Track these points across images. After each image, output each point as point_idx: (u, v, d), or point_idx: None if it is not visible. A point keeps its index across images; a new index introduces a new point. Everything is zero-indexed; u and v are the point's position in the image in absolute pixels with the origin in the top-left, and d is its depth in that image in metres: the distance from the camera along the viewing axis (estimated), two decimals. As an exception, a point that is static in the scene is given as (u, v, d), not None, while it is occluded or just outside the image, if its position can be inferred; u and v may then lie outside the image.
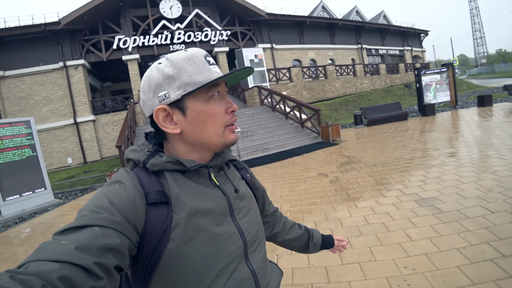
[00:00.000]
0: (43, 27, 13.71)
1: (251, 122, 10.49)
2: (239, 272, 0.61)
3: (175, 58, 0.60)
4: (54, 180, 10.96)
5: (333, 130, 8.31)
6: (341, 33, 22.43)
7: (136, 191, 0.55)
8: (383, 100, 17.19)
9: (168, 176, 0.60)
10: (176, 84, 0.59)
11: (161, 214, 0.55)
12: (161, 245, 0.53)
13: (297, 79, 16.53)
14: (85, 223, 0.46)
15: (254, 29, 18.23)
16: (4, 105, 14.10)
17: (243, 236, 0.64)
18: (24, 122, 6.79)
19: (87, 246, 0.42)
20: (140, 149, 0.65)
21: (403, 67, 23.05)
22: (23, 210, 6.34)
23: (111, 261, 0.44)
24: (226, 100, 0.65)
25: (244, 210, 0.68)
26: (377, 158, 5.64)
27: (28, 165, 6.69)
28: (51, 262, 0.38)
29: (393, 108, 11.32)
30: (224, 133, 0.64)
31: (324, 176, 4.97)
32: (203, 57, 0.62)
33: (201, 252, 0.56)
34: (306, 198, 3.99)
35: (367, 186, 4.10)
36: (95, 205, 0.49)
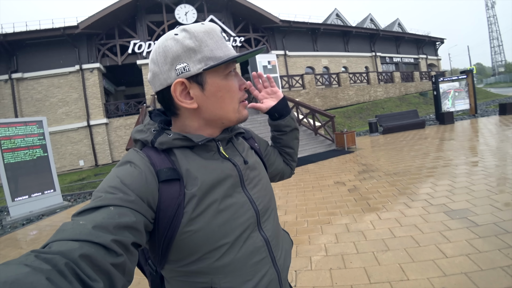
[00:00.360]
0: (62, 31, 14.03)
1: (263, 129, 10.31)
2: (252, 240, 0.63)
3: (196, 30, 0.59)
4: (65, 182, 11.01)
5: (348, 137, 8.06)
6: (355, 41, 22.21)
7: (147, 169, 0.56)
8: (398, 108, 16.79)
9: (178, 152, 0.61)
10: (198, 57, 0.58)
11: (174, 190, 0.56)
12: (176, 220, 0.55)
13: (310, 86, 16.36)
14: (101, 204, 0.47)
15: (267, 35, 18.23)
16: (21, 106, 14.39)
17: (255, 205, 0.65)
18: (37, 122, 6.74)
19: (104, 225, 0.43)
20: (146, 129, 0.64)
21: (418, 75, 22.57)
22: (31, 212, 6.23)
23: (128, 238, 0.46)
24: (239, 77, 0.66)
25: (254, 180, 0.69)
26: (396, 166, 5.36)
27: (38, 165, 6.60)
28: (72, 242, 0.40)
29: (410, 116, 10.97)
30: (239, 108, 0.65)
31: (341, 184, 4.72)
32: (220, 32, 0.62)
33: (214, 223, 0.58)
34: (324, 208, 3.76)
35: (389, 196, 3.85)
36: (109, 186, 0.51)
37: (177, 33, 0.59)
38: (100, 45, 15.29)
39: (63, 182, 11.11)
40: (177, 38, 0.58)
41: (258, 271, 0.63)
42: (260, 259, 0.63)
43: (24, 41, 14.19)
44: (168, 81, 0.59)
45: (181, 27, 0.60)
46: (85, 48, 14.99)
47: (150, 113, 0.70)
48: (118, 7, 14.34)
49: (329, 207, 3.74)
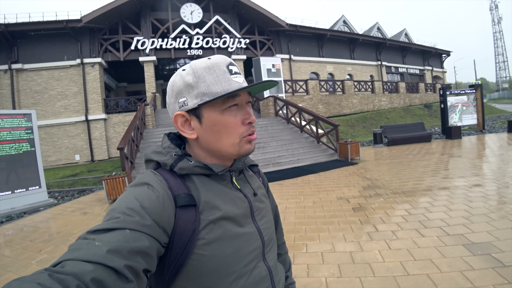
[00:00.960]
0: (65, 24, 13.75)
1: (264, 133, 9.93)
2: (258, 269, 0.63)
3: (196, 66, 0.61)
4: (57, 176, 10.64)
5: (353, 148, 7.65)
6: (361, 49, 21.88)
7: (165, 194, 0.56)
8: (402, 119, 16.39)
9: (196, 179, 0.62)
10: (194, 92, 0.60)
11: (190, 216, 0.56)
12: (190, 245, 0.55)
13: (314, 92, 15.98)
14: (118, 226, 0.47)
15: (273, 39, 17.89)
16: (19, 97, 14.08)
17: (262, 236, 0.66)
18: (25, 115, 6.38)
19: (118, 249, 0.43)
20: (166, 152, 0.65)
21: (423, 87, 22.19)
22: (13, 208, 5.85)
23: (141, 264, 0.45)
24: (244, 111, 0.64)
25: (262, 212, 0.71)
26: (404, 184, 4.95)
27: (24, 160, 6.24)
28: (85, 263, 0.40)
29: (416, 128, 10.56)
30: (240, 143, 0.64)
31: (345, 201, 4.31)
32: (225, 66, 0.62)
33: (226, 251, 0.58)
34: (326, 229, 3.34)
35: (398, 220, 3.43)
36: (127, 207, 0.50)
37: (184, 69, 0.63)
38: (102, 40, 14.97)
39: (55, 176, 10.74)
40: (182, 74, 0.62)
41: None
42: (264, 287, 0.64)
43: (26, 32, 13.91)
44: (174, 112, 0.64)
45: (189, 63, 0.63)
46: (87, 42, 14.68)
47: (168, 135, 0.70)
48: (123, 2, 14.04)
49: (332, 229, 3.33)
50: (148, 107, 10.93)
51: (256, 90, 0.64)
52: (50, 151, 14.19)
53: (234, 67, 0.63)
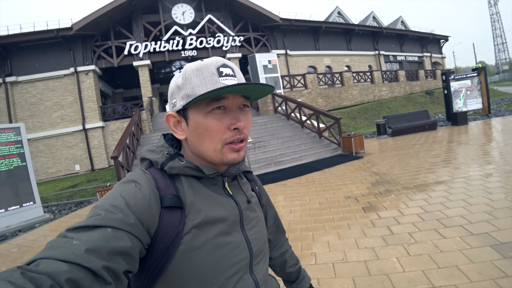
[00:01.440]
0: (56, 33, 13.46)
1: (263, 132, 9.62)
2: (243, 282, 0.60)
3: (187, 68, 0.61)
4: (56, 189, 10.40)
5: (356, 141, 7.33)
6: (357, 39, 21.42)
7: (152, 193, 0.54)
8: (404, 108, 16.00)
9: (184, 181, 0.60)
10: (181, 94, 0.60)
11: (175, 218, 0.54)
12: (172, 249, 0.53)
13: (313, 86, 15.62)
14: (99, 223, 0.45)
15: (267, 34, 17.52)
16: (15, 110, 13.87)
17: (250, 247, 0.63)
18: (13, 129, 6.12)
19: (97, 248, 0.41)
20: (159, 151, 0.63)
21: (423, 74, 21.71)
22: (8, 227, 5.61)
23: (121, 265, 0.43)
24: (232, 115, 0.60)
25: (253, 222, 0.68)
26: (415, 177, 4.63)
27: (16, 176, 5.98)
28: (61, 262, 0.38)
29: (420, 116, 10.19)
30: (222, 150, 0.60)
31: (353, 200, 4.00)
32: (215, 68, 0.59)
33: (209, 259, 0.55)
34: (335, 234, 3.04)
35: (414, 219, 3.11)
36: (110, 205, 0.48)
37: (181, 71, 0.62)
38: (95, 47, 14.67)
39: (54, 189, 10.51)
40: (176, 76, 0.63)
41: None
42: None
43: (18, 43, 13.63)
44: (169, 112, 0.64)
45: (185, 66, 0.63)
46: (80, 50, 14.39)
47: (164, 136, 0.70)
48: (113, 7, 13.72)
49: (342, 234, 3.02)
50: (144, 112, 10.65)
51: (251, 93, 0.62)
52: (50, 162, 13.98)
53: (227, 69, 0.60)
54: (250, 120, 0.65)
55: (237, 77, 0.61)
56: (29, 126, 13.97)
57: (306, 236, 3.11)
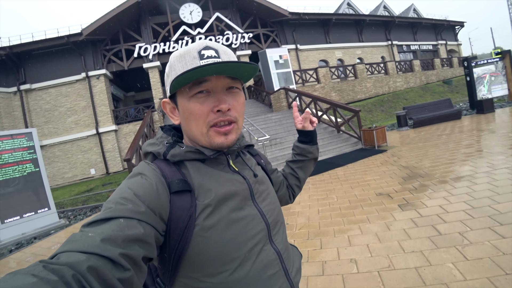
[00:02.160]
0: (66, 39, 13.56)
1: (279, 128, 9.31)
2: (265, 253, 0.61)
3: (172, 56, 0.62)
4: (72, 193, 10.41)
5: (379, 134, 6.93)
6: (369, 30, 20.77)
7: (158, 181, 0.55)
8: (422, 98, 15.35)
9: (189, 165, 0.61)
10: (168, 81, 0.61)
11: (185, 202, 0.55)
12: (187, 232, 0.53)
13: (325, 80, 15.16)
14: (111, 215, 0.46)
15: (277, 30, 17.16)
16: (31, 117, 14.07)
17: (265, 218, 0.64)
18: (25, 134, 5.98)
19: (112, 237, 0.42)
20: (159, 142, 0.64)
21: (438, 62, 20.80)
22: (24, 234, 5.49)
23: (137, 252, 0.44)
24: (215, 97, 0.60)
25: (264, 194, 0.68)
26: (450, 169, 4.24)
27: (30, 182, 5.85)
28: (80, 253, 0.39)
29: (443, 106, 9.64)
30: (208, 133, 0.61)
31: (386, 197, 3.66)
32: (196, 51, 0.59)
33: (226, 235, 0.56)
34: (373, 236, 2.73)
35: (462, 217, 2.74)
36: (120, 197, 0.49)
37: None
38: (105, 51, 14.69)
39: (70, 193, 10.53)
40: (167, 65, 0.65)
41: (273, 284, 0.60)
42: (274, 272, 0.61)
43: (30, 52, 13.82)
44: None
45: None
46: (90, 55, 14.44)
47: (162, 128, 0.70)
48: (121, 10, 13.66)
49: (382, 237, 2.67)
50: (156, 113, 10.52)
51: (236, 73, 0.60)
52: (66, 167, 14.12)
53: (209, 51, 0.60)
54: (241, 102, 0.64)
55: (222, 58, 0.60)
56: (45, 132, 14.15)
57: (341, 239, 2.80)
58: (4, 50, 13.13)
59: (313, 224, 3.29)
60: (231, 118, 0.61)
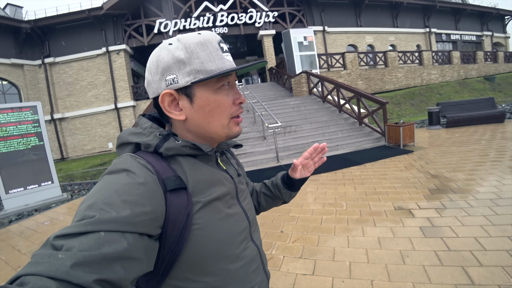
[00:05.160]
0: (87, 13, 13.33)
1: (296, 114, 8.59)
2: (249, 250, 0.62)
3: (187, 41, 0.55)
4: (86, 166, 10.43)
5: (406, 131, 6.04)
6: (405, 15, 18.85)
7: (150, 179, 0.49)
8: (458, 94, 13.82)
9: (183, 160, 0.57)
10: (187, 69, 0.55)
11: (182, 200, 0.52)
12: (185, 231, 0.51)
13: (352, 66, 13.94)
14: (90, 229, 0.39)
15: (304, 9, 15.92)
16: (54, 90, 14.23)
17: (247, 216, 0.65)
18: (30, 108, 5.86)
19: (86, 260, 0.37)
20: (148, 132, 0.58)
21: (481, 56, 18.61)
22: (27, 205, 5.56)
23: (117, 275, 0.38)
24: (235, 90, 0.61)
25: (244, 193, 0.69)
26: (492, 185, 3.41)
27: (34, 155, 5.82)
28: (47, 279, 0.34)
29: (484, 105, 8.38)
30: (229, 124, 0.61)
31: (407, 214, 2.94)
32: (216, 43, 0.57)
33: (220, 234, 0.55)
34: (383, 269, 2.07)
35: (503, 258, 2.04)
36: (104, 203, 0.43)
37: (171, 43, 0.56)
38: (126, 26, 14.35)
39: (84, 166, 10.56)
40: (170, 48, 0.55)
41: (256, 278, 0.63)
42: (256, 267, 0.64)
43: (54, 25, 13.79)
44: (158, 91, 0.57)
45: (176, 37, 0.57)
46: (111, 30, 14.19)
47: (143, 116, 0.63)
48: (143, -17, 13.11)
49: (393, 272, 2.02)
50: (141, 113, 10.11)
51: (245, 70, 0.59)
52: (86, 140, 14.32)
53: (225, 45, 0.59)
54: None
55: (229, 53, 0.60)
56: (67, 105, 14.32)
57: (340, 266, 2.15)
58: (29, 23, 13.16)
59: (310, 238, 2.68)
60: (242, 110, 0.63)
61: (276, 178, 0.88)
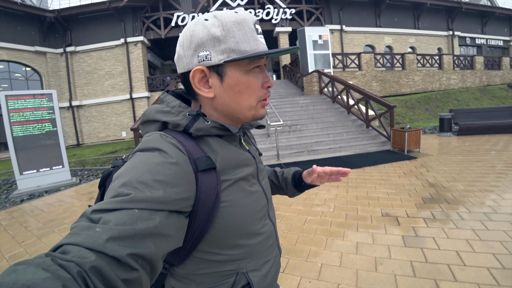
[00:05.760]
0: (108, 5, 13.62)
1: (303, 114, 8.52)
2: (268, 225, 0.66)
3: (224, 18, 0.54)
4: (98, 153, 10.76)
5: (411, 137, 5.88)
6: (428, 16, 18.17)
7: (181, 159, 0.50)
8: (477, 102, 13.27)
9: (211, 141, 0.58)
10: (221, 47, 0.54)
11: (212, 180, 0.53)
12: (214, 210, 0.53)
13: (368, 67, 13.63)
14: (125, 206, 0.41)
15: (322, 7, 15.65)
16: (74, 78, 14.72)
17: (266, 195, 0.67)
18: (46, 95, 6.16)
19: (121, 235, 0.39)
20: (177, 112, 0.57)
21: (507, 62, 17.67)
22: (39, 186, 5.89)
23: (148, 250, 0.41)
24: (264, 73, 0.61)
25: (263, 172, 0.71)
26: (490, 199, 3.29)
27: (47, 140, 6.14)
28: (86, 250, 0.37)
29: (501, 114, 8.02)
30: (256, 106, 0.61)
31: (392, 221, 2.88)
32: (252, 23, 0.56)
33: (244, 211, 0.58)
34: (351, 282, 2.03)
35: (483, 275, 1.97)
36: (137, 181, 0.44)
37: (207, 19, 0.55)
38: (144, 18, 14.61)
39: (96, 153, 10.91)
40: (206, 24, 0.54)
41: (272, 252, 0.67)
42: (272, 242, 0.67)
43: (76, 15, 14.24)
44: (189, 66, 0.56)
45: (212, 13, 0.55)
46: (130, 21, 14.47)
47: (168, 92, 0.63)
48: (163, -24, 13.26)
49: (364, 279, 2.02)
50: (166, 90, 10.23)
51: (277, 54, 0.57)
52: (101, 127, 14.78)
53: (259, 26, 0.58)
54: None
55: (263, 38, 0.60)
56: (85, 93, 14.80)
57: (311, 267, 2.13)
58: (53, 13, 13.64)
59: (290, 237, 2.68)
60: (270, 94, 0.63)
61: (288, 172, 0.91)
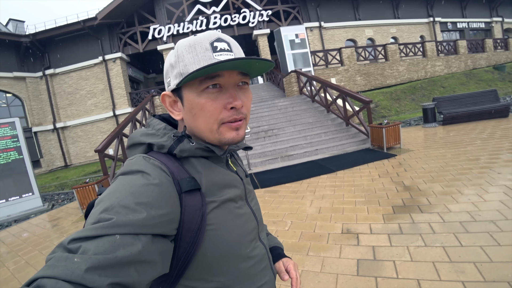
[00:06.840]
0: (82, 24, 13.27)
1: (281, 117, 8.07)
2: (259, 248, 0.61)
3: (179, 45, 0.55)
4: (81, 174, 10.31)
5: (389, 133, 5.40)
6: (407, 5, 17.69)
7: (165, 180, 0.49)
8: (464, 87, 12.78)
9: (196, 162, 0.56)
10: (174, 72, 0.55)
11: (196, 201, 0.51)
12: (200, 232, 0.50)
13: (350, 62, 13.14)
14: (106, 232, 0.39)
15: (299, 6, 15.21)
16: (56, 100, 14.35)
17: (256, 216, 0.64)
18: (9, 124, 5.98)
19: (101, 264, 0.36)
20: (162, 133, 0.57)
21: (490, 44, 17.18)
22: (9, 215, 5.66)
23: (131, 278, 0.38)
24: (228, 94, 0.54)
25: (252, 194, 0.68)
26: (470, 202, 2.82)
27: (14, 169, 5.96)
28: (63, 282, 0.34)
29: (485, 98, 7.52)
30: (219, 130, 0.56)
31: (351, 240, 2.38)
32: (208, 43, 0.53)
33: (233, 234, 0.55)
34: None
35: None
36: (119, 205, 0.42)
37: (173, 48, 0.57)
38: (121, 34, 14.22)
39: (79, 174, 10.46)
40: (169, 54, 0.57)
41: (264, 276, 0.62)
42: (264, 265, 0.63)
43: (52, 38, 13.89)
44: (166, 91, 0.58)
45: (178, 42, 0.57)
46: (107, 39, 14.11)
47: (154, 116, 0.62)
48: (134, -10, 12.87)
49: None
50: (157, 97, 9.78)
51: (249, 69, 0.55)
52: (87, 147, 14.36)
53: (222, 43, 0.54)
54: (250, 98, 0.60)
55: (234, 52, 0.55)
56: (68, 114, 14.41)
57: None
58: (28, 37, 13.27)
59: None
60: (243, 116, 0.57)
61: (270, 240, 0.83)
